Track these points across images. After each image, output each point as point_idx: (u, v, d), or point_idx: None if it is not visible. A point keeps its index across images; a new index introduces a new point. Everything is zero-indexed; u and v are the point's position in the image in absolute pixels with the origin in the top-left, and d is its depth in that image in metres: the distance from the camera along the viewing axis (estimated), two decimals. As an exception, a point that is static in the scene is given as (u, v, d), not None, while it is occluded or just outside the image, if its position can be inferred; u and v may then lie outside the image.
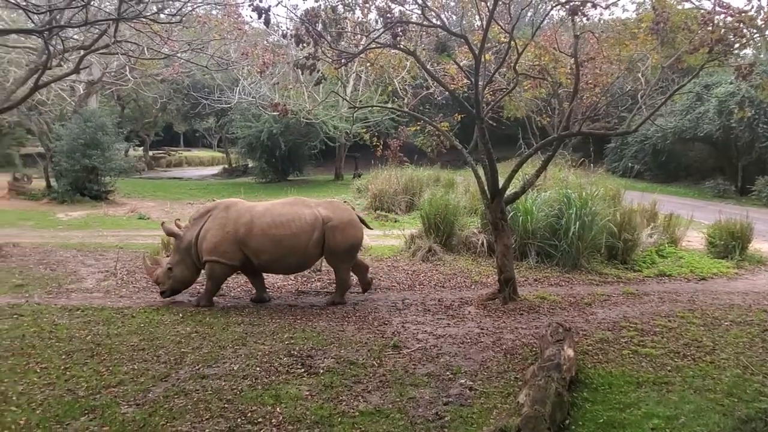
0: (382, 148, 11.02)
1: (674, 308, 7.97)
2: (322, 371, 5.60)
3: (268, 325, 7.04)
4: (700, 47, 7.05)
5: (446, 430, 4.56)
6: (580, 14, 7.16)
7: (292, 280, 9.28)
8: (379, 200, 16.96)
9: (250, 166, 34.25)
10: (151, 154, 41.75)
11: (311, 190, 24.66)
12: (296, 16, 7.60)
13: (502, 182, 8.05)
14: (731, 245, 10.85)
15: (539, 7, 10.95)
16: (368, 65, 10.85)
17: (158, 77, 23.06)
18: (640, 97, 8.44)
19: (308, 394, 5.10)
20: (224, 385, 5.24)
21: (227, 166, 38.53)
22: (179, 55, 15.02)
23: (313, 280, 9.35)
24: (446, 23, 8.28)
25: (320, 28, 7.26)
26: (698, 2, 11.41)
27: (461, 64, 9.08)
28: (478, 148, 8.22)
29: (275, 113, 10.83)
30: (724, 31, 6.87)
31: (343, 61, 8.13)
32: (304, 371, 5.59)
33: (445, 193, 12.63)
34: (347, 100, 13.29)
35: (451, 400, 5.07)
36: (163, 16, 11.42)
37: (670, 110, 24.05)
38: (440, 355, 6.17)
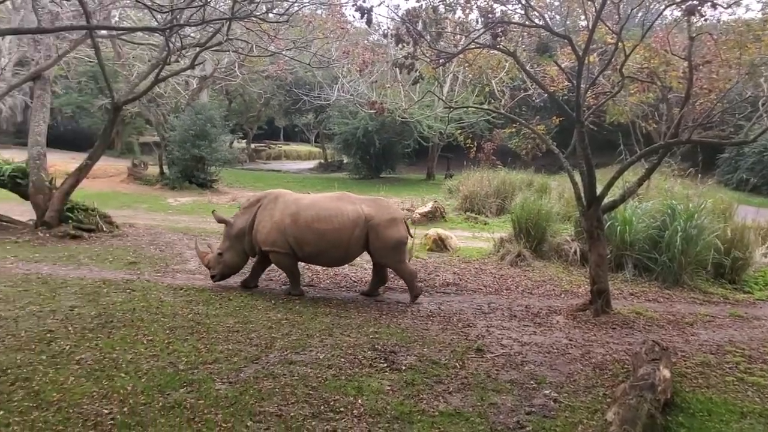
0: (475, 149, 10.92)
1: (789, 336, 7.29)
2: (404, 368, 5.66)
3: (354, 318, 7.21)
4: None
5: (527, 439, 4.47)
6: (697, 14, 6.71)
7: (379, 275, 9.43)
8: (469, 202, 16.81)
9: (344, 161, 35.05)
10: (253, 146, 43.82)
11: (402, 188, 24.86)
12: (397, 15, 7.68)
13: (600, 189, 7.72)
14: None
15: (651, 6, 10.37)
16: (466, 65, 10.78)
17: (264, 73, 24.21)
18: (761, 104, 7.78)
19: (389, 389, 5.18)
20: (310, 372, 5.44)
21: (323, 161, 39.64)
22: (284, 52, 15.69)
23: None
24: (549, 23, 8.05)
25: (420, 27, 7.32)
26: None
27: (563, 65, 8.80)
28: (575, 152, 7.93)
29: (372, 111, 11.04)
30: None
31: (441, 61, 8.13)
32: (386, 366, 5.68)
33: (538, 197, 12.30)
34: (443, 99, 13.28)
35: (534, 410, 4.96)
36: (271, 15, 11.98)
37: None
38: (525, 362, 6.04)
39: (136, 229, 12.35)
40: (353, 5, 7.01)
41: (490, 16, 7.47)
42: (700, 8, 6.64)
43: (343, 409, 4.76)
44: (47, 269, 8.75)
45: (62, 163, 18.60)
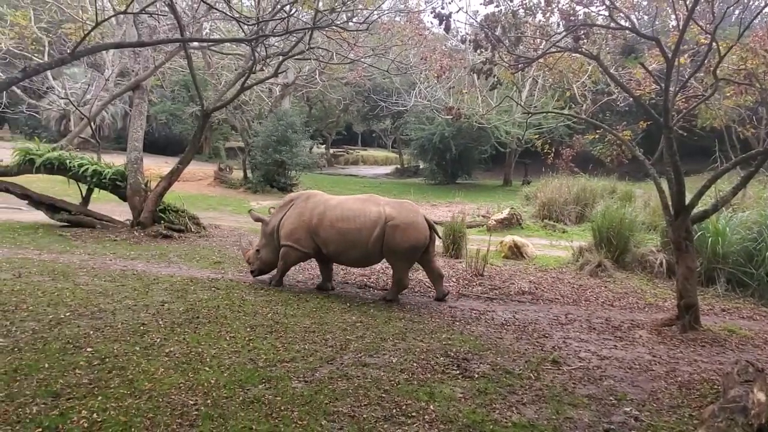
0: (553, 155, 10.65)
1: None
2: (477, 376, 5.61)
3: (427, 323, 7.23)
4: None
5: (604, 457, 4.31)
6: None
7: (453, 282, 9.40)
8: (547, 209, 16.40)
9: (421, 167, 35.18)
10: (331, 151, 44.93)
11: (479, 194, 24.60)
12: (476, 21, 7.65)
13: (689, 198, 7.31)
14: None
15: (750, 3, 9.72)
16: (546, 70, 10.55)
17: (343, 80, 24.77)
18: None
19: (462, 396, 5.15)
20: (383, 375, 5.51)
21: (399, 166, 39.98)
22: (363, 60, 15.99)
23: (474, 284, 9.37)
24: (636, 24, 7.73)
25: (499, 32, 7.25)
26: None
27: (650, 68, 8.42)
28: (663, 159, 7.55)
29: (449, 117, 11.03)
30: None
31: (520, 66, 8.02)
32: (459, 373, 5.66)
33: (621, 205, 11.80)
34: (522, 105, 13.04)
35: (613, 427, 4.77)
36: (351, 24, 12.27)
37: None
38: (603, 377, 5.82)
39: (221, 230, 13.00)
40: (432, 12, 7.07)
41: (572, 18, 7.29)
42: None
43: (414, 414, 4.78)
44: (141, 266, 9.39)
45: (156, 167, 19.87)
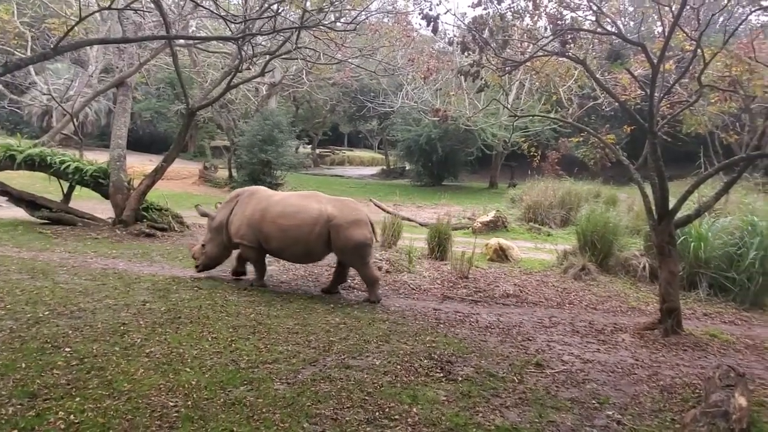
0: (539, 158, 10.69)
1: None
2: (460, 379, 5.59)
3: (411, 325, 7.20)
4: None
5: (587, 461, 4.31)
6: (786, 20, 6.31)
7: (438, 285, 9.38)
8: (532, 212, 16.47)
9: (407, 168, 35.23)
10: (317, 151, 44.81)
11: (464, 196, 24.67)
12: (464, 24, 7.65)
13: (673, 203, 7.37)
14: None
15: (735, 11, 9.84)
16: (533, 73, 10.59)
17: (330, 81, 24.69)
18: None
19: (445, 399, 5.13)
20: (366, 377, 5.46)
21: (386, 167, 40.01)
22: (350, 60, 15.95)
23: (459, 286, 9.36)
24: (622, 30, 7.78)
25: (487, 35, 7.25)
26: None
27: (636, 73, 8.48)
28: (647, 164, 7.60)
29: (436, 118, 11.03)
30: None
31: (507, 68, 8.02)
32: (442, 376, 5.63)
33: (605, 209, 11.88)
34: (508, 108, 13.09)
35: (595, 431, 4.78)
36: (339, 24, 12.22)
37: None
38: (586, 380, 5.83)
39: (204, 229, 12.84)
40: (420, 14, 7.06)
41: (559, 23, 7.31)
42: (789, 13, 6.26)
43: (397, 416, 4.74)
44: (123, 265, 9.25)
45: (140, 164, 19.64)
